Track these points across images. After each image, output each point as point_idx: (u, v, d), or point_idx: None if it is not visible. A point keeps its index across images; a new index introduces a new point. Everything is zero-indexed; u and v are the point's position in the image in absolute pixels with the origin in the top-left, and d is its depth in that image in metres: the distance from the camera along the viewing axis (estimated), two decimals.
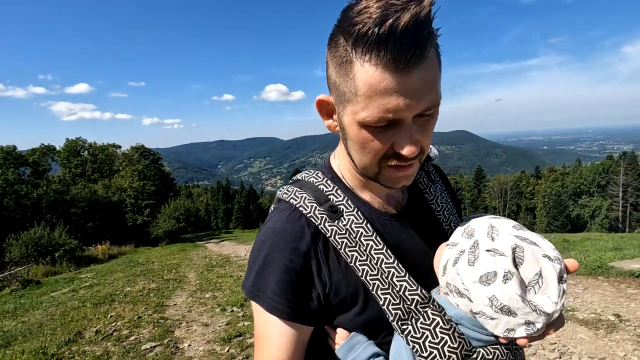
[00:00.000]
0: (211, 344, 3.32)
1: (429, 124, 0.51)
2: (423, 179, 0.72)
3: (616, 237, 7.97)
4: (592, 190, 48.78)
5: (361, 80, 0.46)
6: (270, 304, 0.56)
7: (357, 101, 0.47)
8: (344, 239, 0.57)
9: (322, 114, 0.59)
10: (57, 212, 22.92)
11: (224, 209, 52.43)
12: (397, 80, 0.44)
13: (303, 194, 0.60)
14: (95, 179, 30.20)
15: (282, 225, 0.58)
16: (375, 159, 0.53)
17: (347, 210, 0.59)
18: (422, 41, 0.43)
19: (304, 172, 0.68)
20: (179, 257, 11.82)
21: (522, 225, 0.51)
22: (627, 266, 4.04)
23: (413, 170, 0.55)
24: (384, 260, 0.56)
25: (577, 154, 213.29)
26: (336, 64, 0.49)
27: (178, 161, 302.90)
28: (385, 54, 0.43)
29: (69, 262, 14.10)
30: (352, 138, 0.53)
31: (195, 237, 25.49)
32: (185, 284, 6.62)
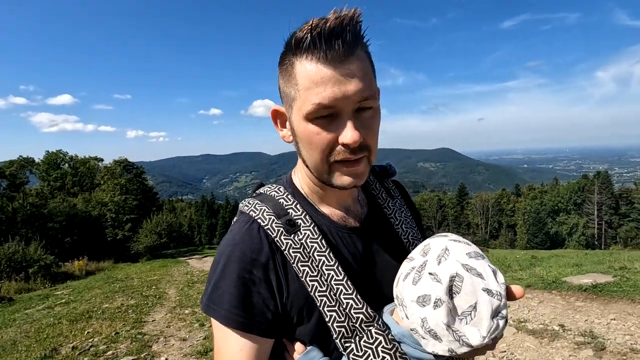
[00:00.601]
0: (187, 357, 3.41)
1: (371, 120, 0.55)
2: (382, 194, 0.74)
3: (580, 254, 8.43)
4: (569, 208, 50.51)
5: (301, 75, 0.53)
6: (227, 316, 0.56)
7: (300, 96, 0.53)
8: (297, 254, 0.58)
9: (277, 124, 0.64)
10: (33, 226, 22.20)
11: (207, 224, 51.67)
12: (331, 70, 0.51)
13: (263, 207, 0.62)
14: (75, 193, 29.47)
15: (240, 237, 0.60)
16: (324, 154, 0.55)
17: (304, 225, 0.61)
18: (349, 40, 0.51)
19: (266, 186, 0.70)
20: (160, 273, 11.66)
21: (480, 253, 0.52)
22: (577, 281, 4.38)
23: (362, 168, 0.57)
24: (334, 277, 0.57)
25: (556, 173, 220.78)
26: (283, 74, 0.57)
27: (162, 175, 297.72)
28: (319, 50, 0.51)
29: (43, 279, 13.62)
30: (301, 137, 0.57)
31: (177, 252, 25.02)
32: (165, 300, 6.61)
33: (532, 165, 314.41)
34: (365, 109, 0.54)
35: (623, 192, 48.86)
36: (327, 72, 0.51)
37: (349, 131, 0.52)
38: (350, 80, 0.51)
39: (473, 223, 56.09)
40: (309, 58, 0.51)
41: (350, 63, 0.51)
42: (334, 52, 0.50)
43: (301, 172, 0.67)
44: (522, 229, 48.98)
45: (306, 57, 0.52)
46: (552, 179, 65.48)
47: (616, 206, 46.36)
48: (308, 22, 0.51)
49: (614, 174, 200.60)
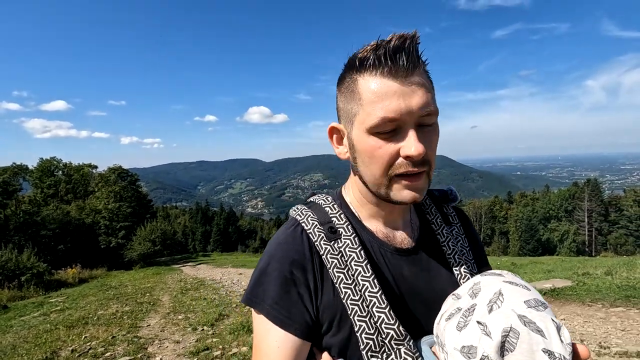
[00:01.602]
0: (181, 357, 3.67)
1: (432, 136, 0.56)
2: (437, 219, 0.71)
3: (557, 261, 8.82)
4: (560, 215, 51.09)
5: (365, 90, 0.54)
6: (270, 311, 0.57)
7: (363, 110, 0.54)
8: (334, 260, 0.58)
9: (333, 141, 0.65)
10: (26, 233, 22.15)
11: (202, 231, 51.50)
12: (396, 84, 0.52)
13: (308, 212, 0.64)
14: (68, 200, 29.42)
15: (284, 238, 0.62)
16: (384, 168, 0.55)
17: (345, 234, 0.61)
18: (412, 57, 0.52)
19: (317, 195, 0.71)
20: (154, 280, 11.81)
21: (542, 301, 0.44)
22: (540, 285, 4.75)
23: (422, 183, 0.57)
24: (368, 288, 0.56)
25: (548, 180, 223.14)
26: (343, 92, 0.58)
27: (156, 181, 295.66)
28: (384, 66, 0.52)
29: (36, 287, 13.67)
30: (361, 151, 0.57)
31: (171, 260, 25.03)
32: (158, 307, 6.82)
33: (526, 173, 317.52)
34: (427, 125, 0.55)
35: (612, 200, 49.58)
36: (392, 85, 0.52)
37: (413, 143, 0.52)
38: (415, 94, 0.52)
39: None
40: (374, 73, 0.53)
41: (415, 78, 0.53)
42: (398, 67, 0.52)
43: (353, 189, 0.67)
44: (515, 236, 49.31)
45: (370, 72, 0.53)
46: (544, 186, 66.34)
47: (606, 213, 47.01)
48: (369, 44, 0.54)
49: (606, 181, 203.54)
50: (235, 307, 6.05)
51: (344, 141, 0.62)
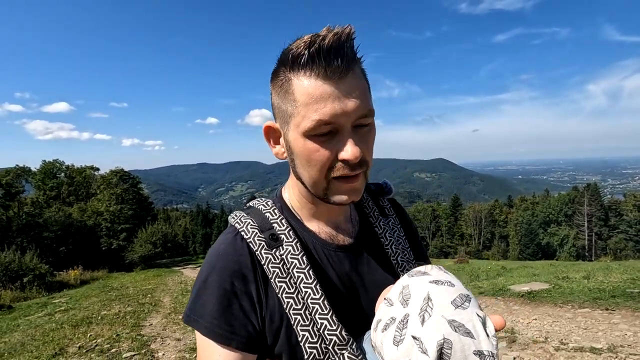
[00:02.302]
0: (182, 353, 3.91)
1: (368, 135, 0.56)
2: (374, 212, 0.72)
3: (546, 265, 9.05)
4: (560, 219, 51.05)
5: (299, 92, 0.52)
6: (209, 328, 0.55)
7: (298, 112, 0.53)
8: (276, 269, 0.57)
9: (269, 141, 0.63)
10: (28, 235, 22.44)
11: (202, 233, 51.79)
12: (330, 87, 0.51)
13: (248, 220, 0.62)
14: (70, 202, 29.73)
15: (223, 248, 0.59)
16: (323, 171, 0.54)
17: (287, 240, 0.59)
18: (346, 56, 0.51)
19: (256, 200, 0.69)
20: (154, 282, 12.04)
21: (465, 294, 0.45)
22: (519, 288, 5.03)
23: (360, 184, 0.57)
24: (311, 295, 0.56)
25: (550, 184, 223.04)
26: (278, 90, 0.56)
27: (157, 183, 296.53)
28: (317, 66, 0.50)
29: (39, 288, 13.94)
30: (298, 154, 0.56)
31: (172, 262, 25.31)
32: (160, 308, 7.07)
33: (527, 176, 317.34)
34: (363, 126, 0.55)
35: (612, 204, 49.54)
36: (326, 88, 0.51)
37: (350, 147, 0.52)
38: (350, 97, 0.51)
39: (466, 234, 56.52)
40: (308, 74, 0.52)
41: (349, 79, 0.52)
42: (333, 68, 0.50)
43: (293, 189, 0.66)
44: (514, 240, 49.26)
45: (304, 73, 0.52)
46: (544, 190, 66.45)
47: (606, 218, 46.90)
48: (302, 39, 0.52)
49: (607, 185, 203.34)
50: None
51: (280, 140, 0.62)
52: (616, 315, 3.82)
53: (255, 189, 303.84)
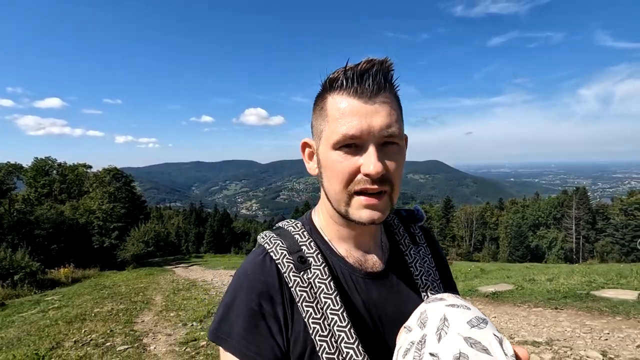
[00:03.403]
0: (172, 346, 4.21)
1: (396, 156, 0.57)
2: (405, 240, 0.72)
3: (522, 268, 9.49)
4: (549, 222, 51.80)
5: (331, 108, 0.57)
6: (237, 347, 0.55)
7: (329, 126, 0.57)
8: (303, 293, 0.57)
9: (305, 156, 0.66)
10: (19, 233, 22.40)
11: (195, 232, 51.73)
12: (360, 104, 0.54)
13: (277, 241, 0.63)
14: (62, 200, 29.64)
15: (252, 268, 0.60)
16: (344, 183, 0.56)
17: (315, 264, 0.60)
18: (378, 80, 0.55)
19: (286, 221, 0.70)
20: (147, 281, 12.19)
21: (482, 317, 0.46)
22: (485, 289, 5.42)
23: (382, 204, 0.56)
24: (337, 322, 0.55)
25: (541, 186, 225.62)
26: (316, 111, 0.61)
27: (150, 181, 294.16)
28: (350, 87, 0.55)
29: (30, 286, 14.04)
30: (325, 166, 0.59)
31: (164, 261, 25.40)
32: (152, 305, 7.30)
33: (519, 179, 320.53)
34: (391, 144, 0.56)
35: (600, 208, 50.47)
36: (355, 104, 0.54)
37: (372, 160, 0.53)
38: (378, 114, 0.54)
39: (458, 235, 57.18)
40: (341, 93, 0.56)
41: (380, 100, 0.55)
42: (364, 88, 0.54)
43: (323, 209, 0.67)
44: (505, 242, 49.91)
45: (338, 92, 0.56)
46: (534, 193, 67.44)
47: (593, 221, 47.69)
48: (342, 66, 0.57)
49: (597, 189, 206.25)
50: None
51: (314, 157, 0.64)
52: (563, 313, 4.23)
53: (249, 188, 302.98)
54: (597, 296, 4.64)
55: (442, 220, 58.08)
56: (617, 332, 3.50)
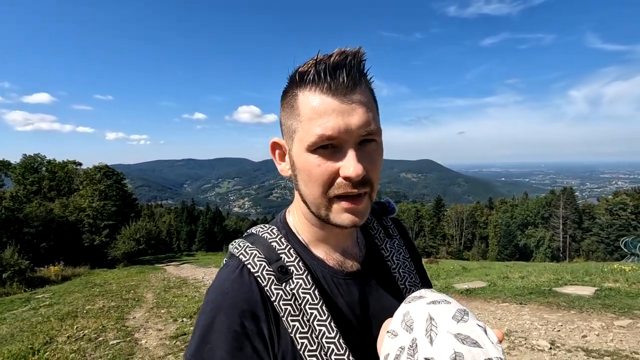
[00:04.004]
0: (163, 340, 4.42)
1: (374, 154, 0.54)
2: (380, 234, 0.70)
3: (502, 266, 9.87)
4: (537, 221, 52.76)
5: (304, 106, 0.52)
6: None
7: (302, 127, 0.52)
8: (288, 306, 0.54)
9: (275, 157, 0.62)
10: (8, 230, 22.20)
11: (187, 230, 51.54)
12: (335, 102, 0.50)
13: (253, 251, 0.58)
14: (52, 197, 29.36)
15: (230, 285, 0.55)
16: (324, 187, 0.52)
17: (297, 273, 0.56)
18: (353, 75, 0.51)
19: (258, 226, 0.65)
20: (137, 279, 12.28)
21: (463, 309, 0.47)
22: (460, 286, 5.76)
23: (363, 206, 0.54)
24: (326, 334, 0.53)
25: (531, 186, 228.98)
26: (285, 107, 0.57)
27: (141, 178, 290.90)
28: (323, 82, 0.50)
29: (19, 284, 14.02)
30: (300, 169, 0.54)
31: (155, 259, 25.39)
32: (143, 303, 7.45)
33: (510, 179, 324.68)
34: (369, 142, 0.53)
35: (586, 208, 51.54)
36: (330, 102, 0.50)
37: (352, 163, 0.50)
38: (354, 112, 0.50)
39: (448, 234, 57.93)
40: (313, 89, 0.51)
41: (355, 96, 0.51)
42: (338, 84, 0.50)
43: (297, 210, 0.64)
44: (494, 241, 50.64)
45: (310, 88, 0.52)
46: (523, 193, 68.57)
47: (580, 220, 48.67)
48: (312, 58, 0.53)
49: (586, 189, 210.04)
50: None
51: (285, 157, 0.60)
52: (526, 308, 4.55)
53: (242, 186, 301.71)
54: (559, 292, 4.98)
55: (433, 219, 58.75)
56: (569, 324, 3.82)
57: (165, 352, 4.03)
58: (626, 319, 3.76)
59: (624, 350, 3.11)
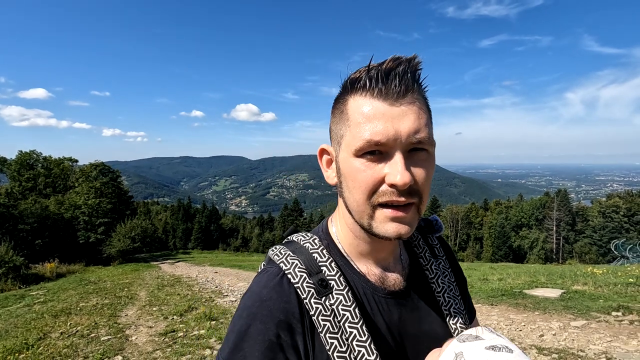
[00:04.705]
0: (152, 337, 4.61)
1: (425, 164, 0.52)
2: (425, 253, 0.67)
3: (487, 268, 10.13)
4: (531, 223, 53.11)
5: (353, 111, 0.51)
6: None
7: (350, 131, 0.51)
8: (327, 322, 0.52)
9: (322, 163, 0.61)
10: (3, 227, 22.23)
11: (183, 228, 51.57)
12: (385, 106, 0.49)
13: (295, 260, 0.57)
14: (47, 194, 29.36)
15: (268, 293, 0.54)
16: (367, 194, 0.51)
17: (337, 288, 0.54)
18: (405, 80, 0.49)
19: (300, 234, 0.63)
20: (132, 276, 12.43)
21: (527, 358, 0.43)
22: None
23: (410, 217, 0.52)
24: (365, 356, 0.51)
25: (528, 188, 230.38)
26: (335, 114, 0.56)
27: (138, 176, 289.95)
28: (374, 87, 0.49)
29: (13, 280, 14.13)
30: (345, 174, 0.53)
31: (150, 257, 25.54)
32: (136, 300, 7.62)
33: (506, 180, 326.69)
34: (419, 150, 0.51)
35: (579, 210, 52.01)
36: (380, 107, 0.49)
37: (399, 170, 0.48)
38: (405, 118, 0.49)
39: (443, 235, 58.10)
40: (364, 95, 0.51)
41: (407, 102, 0.49)
42: (389, 89, 0.49)
43: (341, 220, 0.62)
44: (488, 242, 50.90)
45: (361, 94, 0.51)
46: (518, 194, 69.10)
47: (573, 222, 49.12)
48: (365, 65, 0.52)
49: (581, 191, 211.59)
50: (204, 302, 6.98)
51: (332, 165, 0.59)
52: (495, 309, 4.78)
53: (239, 184, 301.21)
54: (528, 294, 5.22)
55: None
56: (531, 324, 4.05)
57: (153, 347, 4.22)
58: (582, 320, 4.01)
59: (572, 348, 3.35)
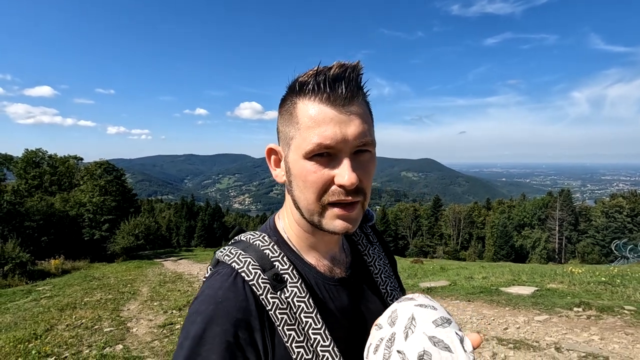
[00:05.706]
0: (152, 329, 4.94)
1: (368, 164, 0.55)
2: (362, 240, 0.73)
3: (478, 267, 10.35)
4: (534, 223, 52.95)
5: (302, 115, 0.53)
6: None
7: (300, 134, 0.53)
8: (284, 315, 0.54)
9: (271, 163, 0.63)
10: (9, 224, 22.72)
11: (186, 226, 52.08)
12: (333, 112, 0.52)
13: (247, 258, 0.57)
14: (53, 192, 29.88)
15: (223, 294, 0.53)
16: (318, 193, 0.54)
17: (291, 281, 0.56)
18: (351, 85, 0.53)
19: (248, 233, 0.64)
20: (135, 273, 12.76)
21: (447, 318, 0.49)
22: (425, 285, 6.27)
23: (356, 214, 0.55)
24: (320, 342, 0.54)
25: (532, 187, 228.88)
26: (283, 114, 0.58)
27: (142, 173, 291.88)
28: (322, 92, 0.52)
29: (20, 276, 14.53)
30: (296, 175, 0.56)
31: (154, 254, 25.97)
32: (138, 296, 7.93)
33: (510, 179, 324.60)
34: (363, 152, 0.55)
35: (582, 210, 51.77)
36: (329, 112, 0.52)
37: (346, 172, 0.52)
38: (351, 123, 0.52)
39: (445, 234, 58.29)
40: (312, 99, 0.53)
41: (353, 107, 0.53)
42: (337, 95, 0.52)
43: (288, 216, 0.64)
44: (490, 242, 50.90)
45: (309, 98, 0.53)
46: (521, 194, 68.90)
47: (576, 222, 48.91)
48: (312, 69, 0.54)
49: (587, 191, 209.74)
50: None
51: (281, 164, 0.61)
52: (471, 305, 5.05)
53: (242, 182, 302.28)
54: (503, 291, 5.49)
55: (431, 219, 59.07)
56: (500, 319, 4.31)
57: (152, 338, 4.55)
58: (545, 315, 4.27)
59: (529, 339, 3.63)
